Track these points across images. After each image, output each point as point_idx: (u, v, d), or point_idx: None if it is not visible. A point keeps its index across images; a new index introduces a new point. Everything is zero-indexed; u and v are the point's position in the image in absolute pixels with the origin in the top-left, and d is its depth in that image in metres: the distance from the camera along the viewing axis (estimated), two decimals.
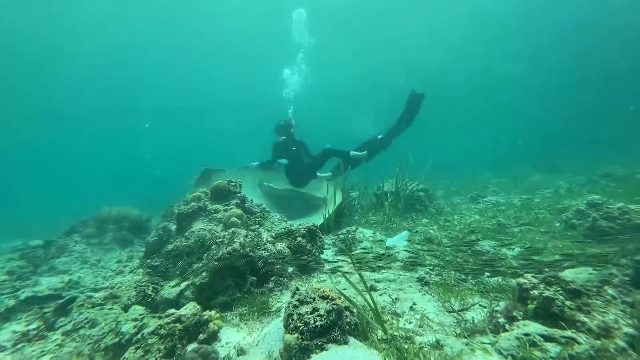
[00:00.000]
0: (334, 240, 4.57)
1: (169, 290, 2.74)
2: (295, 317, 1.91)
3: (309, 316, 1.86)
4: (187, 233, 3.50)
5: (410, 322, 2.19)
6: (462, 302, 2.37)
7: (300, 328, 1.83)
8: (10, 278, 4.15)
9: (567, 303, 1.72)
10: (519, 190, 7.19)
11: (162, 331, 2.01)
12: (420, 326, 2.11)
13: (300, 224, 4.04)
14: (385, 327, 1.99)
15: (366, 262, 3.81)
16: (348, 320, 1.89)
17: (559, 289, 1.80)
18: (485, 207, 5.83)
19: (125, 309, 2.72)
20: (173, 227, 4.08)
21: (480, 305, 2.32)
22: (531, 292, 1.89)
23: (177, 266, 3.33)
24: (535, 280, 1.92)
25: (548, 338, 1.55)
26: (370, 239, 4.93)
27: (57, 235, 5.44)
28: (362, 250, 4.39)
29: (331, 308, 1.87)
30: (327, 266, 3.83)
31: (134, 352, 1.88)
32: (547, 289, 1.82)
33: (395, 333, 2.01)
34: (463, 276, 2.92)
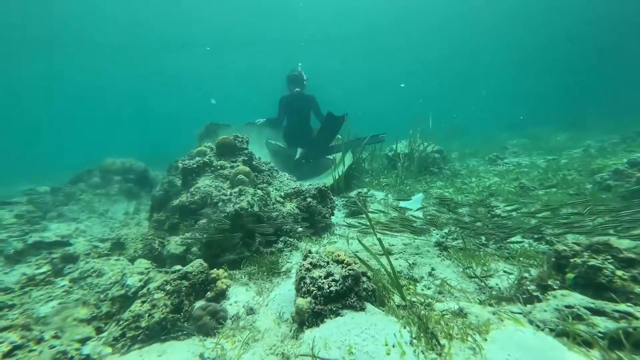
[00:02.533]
0: (344, 202, 4.41)
1: (176, 246, 2.65)
2: (308, 280, 1.78)
3: (323, 281, 1.72)
4: (192, 189, 3.35)
5: (428, 288, 2.06)
6: (484, 268, 2.22)
7: (314, 292, 1.70)
8: (19, 221, 4.16)
9: (619, 273, 1.51)
10: (542, 151, 6.71)
11: (169, 287, 1.93)
12: (440, 292, 1.98)
13: (310, 184, 3.84)
14: (403, 293, 1.85)
15: (379, 224, 3.67)
16: (365, 286, 1.74)
17: (608, 257, 1.58)
18: (506, 169, 5.47)
19: (132, 261, 2.67)
20: (179, 182, 3.95)
21: (505, 272, 2.15)
22: (572, 260, 1.69)
23: (183, 222, 3.23)
24: (577, 247, 1.71)
25: (597, 311, 1.37)
26: (382, 201, 4.76)
27: (63, 183, 5.41)
28: (373, 213, 4.25)
29: (347, 273, 1.72)
30: (338, 228, 3.71)
31: (141, 306, 1.81)
32: (593, 257, 1.61)
33: (414, 299, 1.88)
34: (483, 240, 2.75)
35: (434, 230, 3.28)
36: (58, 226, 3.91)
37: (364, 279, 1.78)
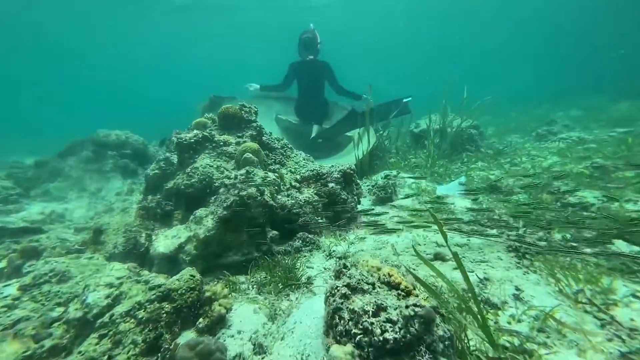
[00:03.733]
0: (370, 187, 3.71)
1: (166, 241, 2.06)
2: (346, 315, 1.14)
3: (372, 320, 1.08)
4: (189, 169, 2.73)
5: (519, 321, 1.39)
6: (597, 288, 1.53)
7: (358, 337, 1.07)
8: None
9: None
10: (604, 123, 5.65)
11: (142, 313, 1.34)
12: (540, 330, 1.32)
13: (332, 165, 3.15)
14: (492, 336, 1.19)
15: (418, 215, 2.98)
16: (441, 333, 1.09)
17: None
18: (565, 145, 4.55)
19: (112, 259, 2.12)
20: (176, 159, 3.35)
21: (636, 297, 1.46)
22: None
23: (178, 209, 2.64)
24: None
25: None
26: (414, 185, 4.04)
27: (51, 156, 4.91)
28: (403, 200, 3.55)
29: (411, 313, 1.07)
30: (366, 219, 3.05)
31: (97, 343, 1.24)
32: None
33: (503, 340, 1.23)
34: (572, 242, 2.03)
35: (493, 226, 2.57)
36: (36, 208, 3.41)
37: (437, 318, 1.13)
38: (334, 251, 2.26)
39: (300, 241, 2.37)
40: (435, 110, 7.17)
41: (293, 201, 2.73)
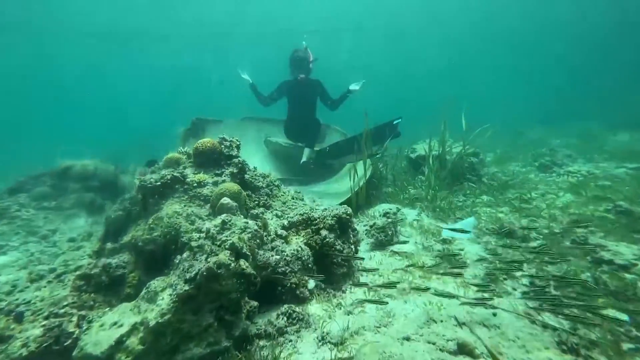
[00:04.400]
0: (368, 228, 3.27)
1: (100, 334, 1.54)
2: None
3: None
4: (151, 220, 2.24)
5: None
6: None
7: None
8: None
9: None
10: (607, 155, 5.43)
11: None
12: None
13: (325, 208, 2.70)
14: None
15: (422, 268, 2.53)
16: None
17: None
18: (576, 180, 4.22)
19: None
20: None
21: None
22: None
23: (134, 272, 2.12)
24: None
25: None
26: (416, 223, 3.62)
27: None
28: (403, 245, 3.10)
29: None
30: (363, 274, 2.58)
31: None
32: None
33: None
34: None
35: (511, 285, 2.14)
36: None
37: None
38: (327, 333, 1.77)
39: (285, 318, 1.87)
40: (432, 134, 6.88)
41: (278, 257, 2.26)
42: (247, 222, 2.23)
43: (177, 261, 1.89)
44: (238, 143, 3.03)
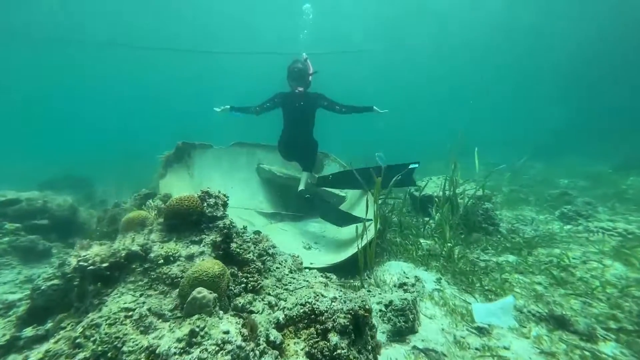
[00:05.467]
0: (382, 309, 2.59)
1: None
2: None
3: None
4: (81, 328, 1.52)
5: None
6: None
7: None
8: None
9: None
10: (632, 205, 4.90)
11: None
12: None
13: (334, 296, 2.03)
14: None
15: None
16: None
17: None
18: (616, 242, 3.68)
19: None
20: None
21: None
22: None
23: None
24: None
25: None
26: (436, 294, 2.98)
27: None
28: (428, 334, 2.44)
29: None
30: None
31: None
32: None
33: None
34: None
35: None
36: None
37: None
38: None
39: None
40: (441, 171, 6.39)
41: None
42: (228, 333, 1.54)
43: None
44: (225, 199, 2.36)
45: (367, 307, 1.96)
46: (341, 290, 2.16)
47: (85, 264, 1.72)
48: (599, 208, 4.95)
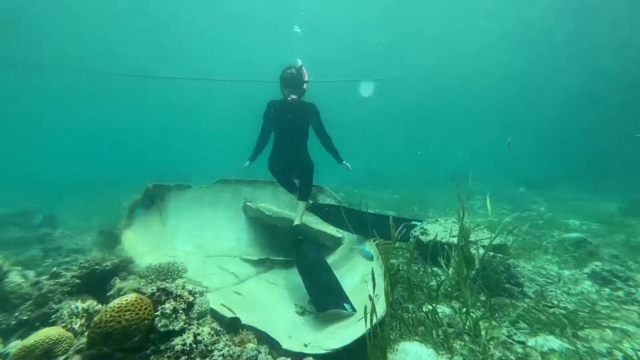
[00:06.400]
0: None
1: None
2: None
3: None
4: None
5: None
6: None
7: None
8: None
9: None
10: None
11: None
12: None
13: None
14: None
15: None
16: None
17: None
18: None
19: None
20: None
21: None
22: None
23: None
24: None
25: None
26: None
27: None
28: None
29: None
30: None
31: None
32: None
33: None
34: None
35: None
36: None
37: None
38: None
39: None
40: (437, 200, 5.78)
41: None
42: None
43: None
44: (191, 300, 1.61)
45: None
46: None
47: None
48: (631, 264, 4.41)
